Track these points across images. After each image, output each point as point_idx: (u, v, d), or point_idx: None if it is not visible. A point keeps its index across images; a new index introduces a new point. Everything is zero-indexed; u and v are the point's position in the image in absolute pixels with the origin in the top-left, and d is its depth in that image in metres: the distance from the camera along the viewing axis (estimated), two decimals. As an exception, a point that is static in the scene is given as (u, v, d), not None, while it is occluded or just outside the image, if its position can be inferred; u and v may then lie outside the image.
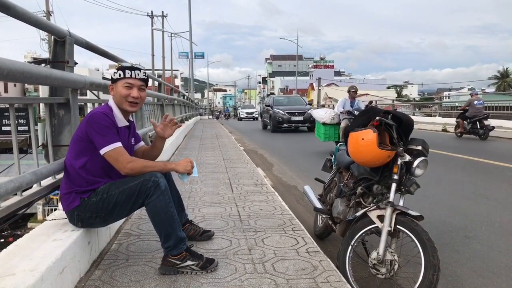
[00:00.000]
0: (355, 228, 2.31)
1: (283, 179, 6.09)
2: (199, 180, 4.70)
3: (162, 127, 2.46)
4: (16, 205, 2.01)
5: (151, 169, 2.16)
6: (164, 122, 2.47)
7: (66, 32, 2.69)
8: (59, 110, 2.67)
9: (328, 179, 3.21)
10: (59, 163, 2.34)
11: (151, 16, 35.20)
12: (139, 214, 3.11)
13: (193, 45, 28.53)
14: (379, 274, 2.14)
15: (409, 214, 2.14)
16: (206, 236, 2.68)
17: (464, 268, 2.79)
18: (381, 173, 2.37)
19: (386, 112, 2.31)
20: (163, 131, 2.46)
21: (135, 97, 2.21)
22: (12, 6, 1.95)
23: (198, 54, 42.12)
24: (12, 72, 1.78)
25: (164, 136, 2.47)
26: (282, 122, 15.23)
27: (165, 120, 2.47)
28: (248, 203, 3.69)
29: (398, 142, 2.25)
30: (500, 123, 13.06)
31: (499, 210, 4.14)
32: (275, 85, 77.65)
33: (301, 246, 2.58)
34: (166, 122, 2.47)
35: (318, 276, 2.14)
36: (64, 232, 2.13)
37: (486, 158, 7.27)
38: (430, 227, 3.27)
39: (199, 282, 2.05)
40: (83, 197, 2.12)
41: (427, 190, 4.72)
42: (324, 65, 70.51)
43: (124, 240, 2.66)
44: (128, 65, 2.22)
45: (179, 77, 71.41)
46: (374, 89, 47.63)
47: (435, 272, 1.96)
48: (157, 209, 2.11)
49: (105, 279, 2.08)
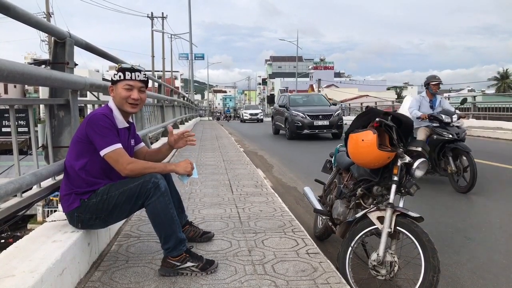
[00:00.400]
0: (355, 230, 2.31)
1: (283, 181, 6.09)
2: (199, 182, 4.70)
3: (177, 138, 2.46)
4: (16, 207, 2.01)
5: (151, 170, 2.16)
6: (181, 135, 2.46)
7: (66, 33, 2.69)
8: (59, 111, 2.68)
9: (328, 180, 3.21)
10: (59, 165, 2.34)
11: (151, 17, 35.28)
12: (139, 216, 3.11)
13: (193, 46, 28.61)
14: (379, 276, 2.13)
15: (409, 216, 2.14)
16: (206, 237, 2.68)
17: (464, 269, 2.78)
18: (381, 175, 2.36)
19: (386, 113, 2.31)
20: (175, 142, 2.47)
21: (135, 98, 2.21)
22: (12, 7, 1.95)
23: (198, 55, 42.15)
24: (12, 73, 1.78)
25: (174, 146, 2.48)
26: (302, 127, 12.05)
27: (182, 134, 2.47)
28: (248, 204, 3.69)
29: (398, 144, 2.25)
30: (499, 125, 13.06)
31: (499, 211, 4.13)
32: (275, 86, 77.65)
33: (301, 247, 2.57)
34: (183, 136, 2.46)
35: (318, 277, 2.13)
36: (64, 234, 2.13)
37: (486, 159, 7.27)
38: (430, 229, 3.26)
39: (199, 284, 2.05)
40: (83, 199, 2.12)
41: (427, 191, 4.72)
42: (324, 66, 70.61)
43: (124, 241, 2.66)
44: (128, 67, 2.22)
45: (179, 78, 71.43)
46: (374, 90, 47.72)
47: (435, 274, 1.95)
48: (157, 211, 2.11)
49: (105, 280, 2.08)
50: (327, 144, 10.58)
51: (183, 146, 2.52)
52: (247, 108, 35.11)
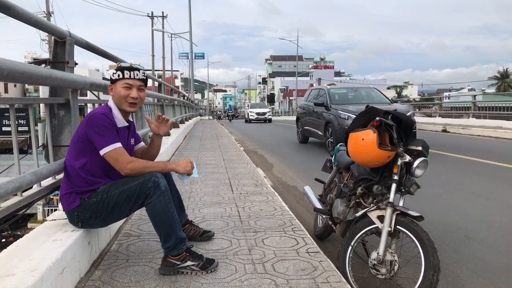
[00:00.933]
0: (355, 229, 2.31)
1: (283, 180, 6.09)
2: (199, 181, 4.70)
3: (157, 124, 2.49)
4: (16, 206, 2.02)
5: (151, 169, 2.16)
6: (159, 120, 2.49)
7: (66, 33, 2.69)
8: (59, 111, 2.68)
9: (328, 179, 3.21)
10: (59, 164, 2.34)
11: (151, 16, 35.26)
12: (139, 215, 3.11)
13: (193, 46, 28.59)
14: (379, 275, 2.14)
15: (409, 215, 2.14)
16: (206, 236, 2.68)
17: (464, 268, 2.79)
18: (381, 174, 2.37)
19: (386, 113, 2.31)
20: (157, 128, 2.48)
21: (134, 97, 2.21)
22: (12, 6, 1.95)
23: (198, 55, 42.18)
24: (12, 73, 1.78)
25: (159, 133, 2.49)
26: None
27: (159, 119, 2.50)
28: (248, 203, 3.69)
29: (398, 143, 2.25)
30: (500, 124, 13.06)
31: (499, 210, 4.13)
32: (275, 86, 77.68)
33: (301, 246, 2.58)
34: (160, 120, 2.49)
35: (318, 276, 2.14)
36: (64, 233, 2.13)
37: (486, 158, 7.27)
38: (430, 228, 3.26)
39: (199, 283, 2.05)
40: (83, 198, 2.12)
41: (427, 191, 4.72)
42: (324, 66, 70.59)
43: (124, 240, 2.66)
44: (127, 66, 2.22)
45: (179, 78, 71.48)
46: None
47: (435, 273, 1.96)
48: (157, 210, 2.11)
49: (105, 279, 2.08)
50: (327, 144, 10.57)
51: (168, 129, 2.55)
52: (253, 107, 30.41)
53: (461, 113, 17.29)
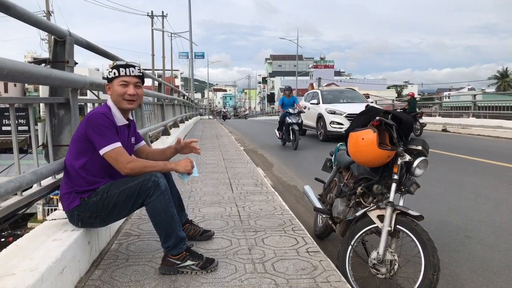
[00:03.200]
0: (355, 228, 2.31)
1: (283, 179, 6.09)
2: (199, 180, 4.70)
3: (183, 145, 2.54)
4: (16, 205, 2.01)
5: (151, 169, 2.16)
6: (188, 144, 2.54)
7: (66, 32, 2.69)
8: (59, 110, 2.67)
9: (328, 179, 3.21)
10: (59, 163, 2.34)
11: (151, 16, 35.22)
12: (139, 214, 3.11)
13: (193, 45, 28.56)
14: (379, 274, 2.14)
15: (409, 214, 2.14)
16: (206, 236, 2.68)
17: (464, 268, 2.79)
18: (381, 173, 2.37)
19: (386, 112, 2.31)
20: (181, 147, 2.54)
21: (132, 94, 2.21)
22: (12, 6, 1.95)
23: (198, 54, 42.12)
24: (12, 72, 1.78)
25: (179, 152, 2.56)
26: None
27: (190, 144, 2.55)
28: (248, 203, 3.69)
29: (398, 142, 2.25)
30: (499, 123, 13.06)
31: (499, 210, 4.13)
32: (275, 85, 77.57)
33: (301, 246, 2.58)
34: (190, 145, 2.54)
35: (318, 276, 2.14)
36: (64, 232, 2.13)
37: (486, 158, 7.27)
38: (430, 227, 3.27)
39: (199, 282, 2.05)
40: (83, 197, 2.12)
41: (427, 190, 4.72)
42: (324, 65, 70.50)
43: (124, 240, 2.66)
44: (122, 63, 2.23)
45: (179, 77, 71.40)
46: (374, 89, 47.68)
47: (435, 272, 1.96)
48: (157, 209, 2.11)
49: (105, 279, 2.08)
50: (327, 143, 10.58)
51: (188, 153, 2.60)
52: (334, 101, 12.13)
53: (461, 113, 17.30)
